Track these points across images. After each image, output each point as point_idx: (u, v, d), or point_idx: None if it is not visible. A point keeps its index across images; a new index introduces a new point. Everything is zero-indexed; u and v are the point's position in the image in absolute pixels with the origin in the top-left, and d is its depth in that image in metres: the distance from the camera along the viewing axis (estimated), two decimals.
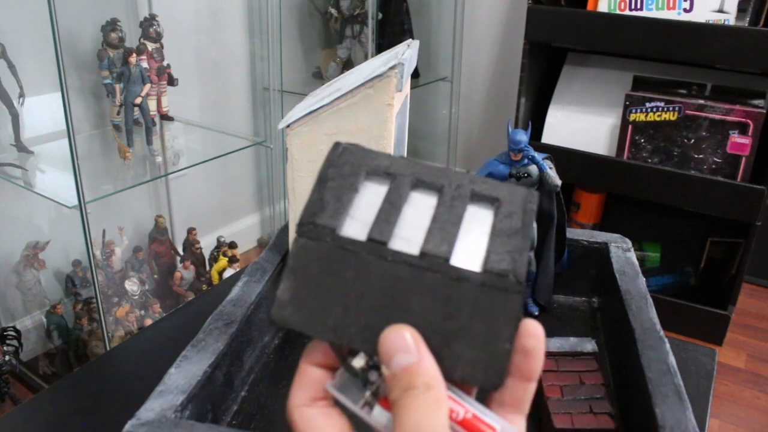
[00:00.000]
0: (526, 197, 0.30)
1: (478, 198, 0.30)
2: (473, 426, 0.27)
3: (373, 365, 0.28)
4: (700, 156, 1.70)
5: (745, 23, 1.60)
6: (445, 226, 0.29)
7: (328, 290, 0.28)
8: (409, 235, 0.29)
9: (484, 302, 0.27)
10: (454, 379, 0.27)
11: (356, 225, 0.29)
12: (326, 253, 0.28)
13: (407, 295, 0.28)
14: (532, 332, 0.28)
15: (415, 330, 0.27)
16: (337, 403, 0.28)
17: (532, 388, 0.28)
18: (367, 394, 0.28)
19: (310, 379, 0.28)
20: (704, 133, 1.68)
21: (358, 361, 0.28)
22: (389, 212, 0.29)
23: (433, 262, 0.28)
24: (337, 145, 0.32)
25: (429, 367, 0.26)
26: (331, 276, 0.28)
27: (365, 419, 0.28)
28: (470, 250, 0.29)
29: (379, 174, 0.31)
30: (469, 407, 0.27)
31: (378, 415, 0.27)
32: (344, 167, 0.31)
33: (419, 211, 0.30)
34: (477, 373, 0.27)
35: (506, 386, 0.27)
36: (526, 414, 0.29)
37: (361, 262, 0.28)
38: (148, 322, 1.62)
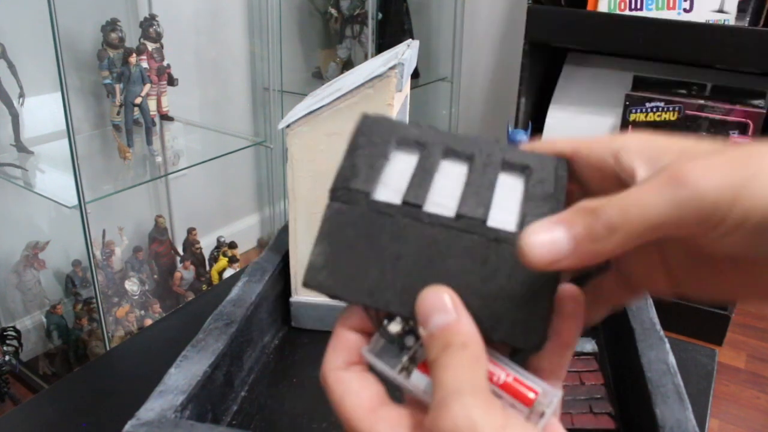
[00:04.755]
0: (557, 165, 0.30)
1: (509, 166, 0.30)
2: (515, 389, 0.26)
3: (410, 330, 0.28)
4: None
5: (745, 23, 1.60)
6: (480, 190, 0.29)
7: (363, 254, 0.28)
8: (443, 201, 0.29)
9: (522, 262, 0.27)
10: (494, 340, 0.27)
11: (389, 191, 0.29)
12: (361, 217, 0.28)
13: (444, 257, 0.27)
14: (571, 295, 0.27)
15: (453, 291, 0.26)
16: (372, 369, 0.28)
17: (569, 354, 0.28)
18: (405, 359, 0.27)
19: (346, 342, 0.28)
20: (704, 133, 1.68)
21: (395, 326, 0.28)
22: (422, 178, 0.29)
23: (469, 224, 0.28)
24: (365, 115, 0.31)
25: (466, 325, 0.25)
26: (366, 239, 0.28)
27: (403, 384, 0.27)
28: (506, 213, 0.29)
29: (409, 143, 0.31)
30: (510, 370, 0.27)
31: (417, 380, 0.27)
32: (374, 136, 0.31)
33: (451, 178, 0.30)
34: (517, 333, 0.27)
35: (545, 351, 0.27)
36: (563, 380, 0.29)
37: (396, 225, 0.28)
38: (148, 322, 1.62)
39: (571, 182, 0.31)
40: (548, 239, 0.25)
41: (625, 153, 0.27)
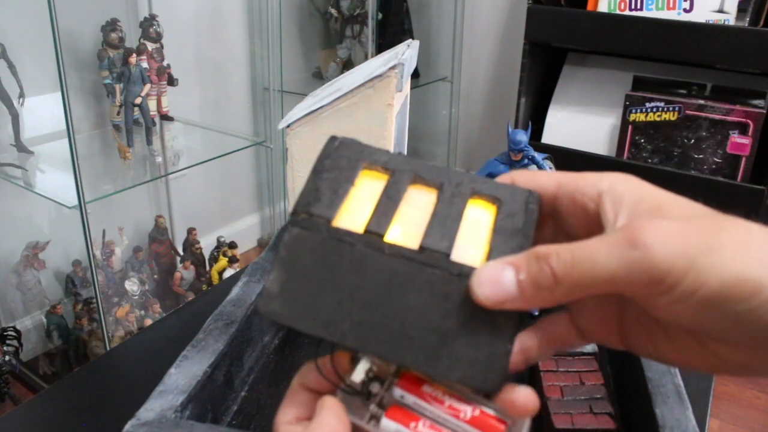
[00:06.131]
0: (528, 198, 0.29)
1: (478, 197, 0.29)
2: (484, 423, 0.26)
3: (374, 377, 0.27)
4: (700, 156, 1.70)
5: (745, 23, 1.60)
6: (446, 221, 0.28)
7: (320, 283, 0.26)
8: (407, 230, 0.28)
9: None
10: (452, 380, 0.26)
11: (351, 218, 0.28)
12: (320, 244, 0.27)
13: (404, 291, 0.26)
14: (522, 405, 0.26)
15: None
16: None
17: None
18: (372, 406, 0.27)
19: (299, 399, 0.28)
20: (704, 133, 1.68)
21: (358, 375, 0.27)
22: (387, 206, 0.28)
23: (432, 257, 0.27)
24: (333, 138, 0.31)
25: None
26: (324, 268, 0.27)
27: None
28: (471, 247, 0.27)
29: (376, 169, 0.30)
30: (475, 404, 0.26)
31: (386, 426, 0.26)
32: (341, 160, 0.30)
33: (418, 207, 0.29)
34: (476, 375, 0.25)
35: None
36: None
37: (357, 255, 0.27)
38: (148, 322, 1.62)
39: (549, 218, 0.30)
40: (497, 280, 0.25)
41: (607, 196, 0.27)
